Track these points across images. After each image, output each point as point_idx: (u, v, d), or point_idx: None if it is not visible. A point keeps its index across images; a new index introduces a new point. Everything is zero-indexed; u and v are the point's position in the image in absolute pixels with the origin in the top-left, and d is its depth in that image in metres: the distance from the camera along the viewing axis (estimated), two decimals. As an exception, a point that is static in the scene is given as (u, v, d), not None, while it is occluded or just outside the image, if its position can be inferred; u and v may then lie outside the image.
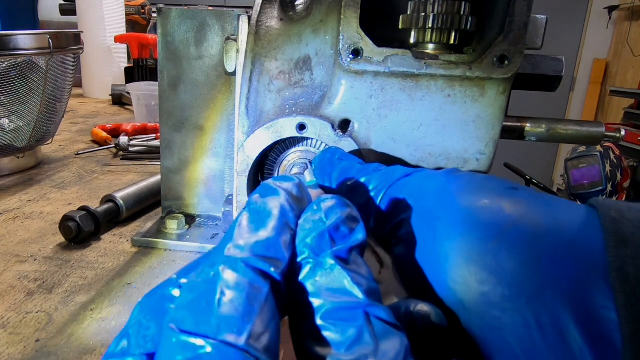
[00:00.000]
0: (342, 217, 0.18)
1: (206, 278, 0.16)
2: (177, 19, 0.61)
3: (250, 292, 0.15)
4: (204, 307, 0.15)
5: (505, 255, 0.18)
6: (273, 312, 0.16)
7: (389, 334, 0.16)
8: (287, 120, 0.35)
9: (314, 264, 0.17)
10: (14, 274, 0.52)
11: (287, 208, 0.19)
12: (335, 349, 0.15)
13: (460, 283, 0.19)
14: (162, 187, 0.66)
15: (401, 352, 0.15)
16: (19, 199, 0.73)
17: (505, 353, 0.18)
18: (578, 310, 0.16)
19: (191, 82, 0.62)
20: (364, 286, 0.17)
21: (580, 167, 2.70)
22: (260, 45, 0.36)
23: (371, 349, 0.15)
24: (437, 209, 0.22)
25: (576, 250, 0.18)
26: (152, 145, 0.98)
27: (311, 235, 0.18)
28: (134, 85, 1.24)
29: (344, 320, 0.16)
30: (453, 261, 0.20)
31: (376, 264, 0.23)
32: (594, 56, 3.71)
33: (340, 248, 0.17)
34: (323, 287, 0.17)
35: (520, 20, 0.32)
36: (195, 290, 0.15)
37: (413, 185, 0.24)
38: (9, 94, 0.77)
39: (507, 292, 0.18)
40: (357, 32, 0.33)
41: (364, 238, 0.18)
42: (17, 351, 0.40)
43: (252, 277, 0.16)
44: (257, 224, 0.18)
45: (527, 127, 0.39)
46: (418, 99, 0.34)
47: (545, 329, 0.17)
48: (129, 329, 0.16)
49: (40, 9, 1.97)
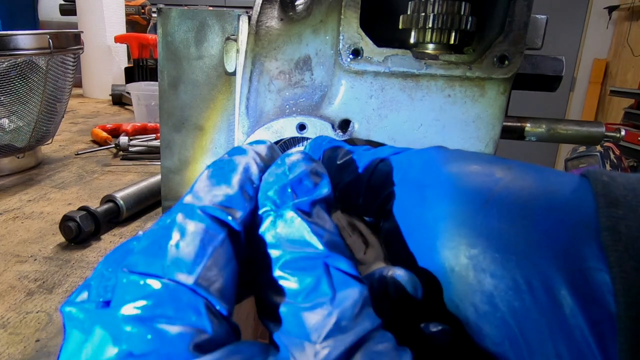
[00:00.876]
0: (306, 171, 0.18)
1: (162, 225, 0.16)
2: (177, 19, 0.61)
3: (204, 237, 0.15)
4: (156, 251, 0.15)
5: (495, 217, 0.18)
6: (228, 258, 0.16)
7: (348, 283, 0.16)
8: (287, 120, 0.35)
9: (274, 216, 0.17)
10: (14, 274, 0.52)
11: (251, 164, 0.18)
12: (292, 298, 0.15)
13: (450, 247, 0.19)
14: (162, 187, 0.66)
15: (358, 301, 0.15)
16: (19, 199, 0.73)
17: (494, 319, 0.18)
18: (569, 271, 0.16)
19: (191, 82, 0.62)
20: (325, 238, 0.16)
21: (580, 167, 2.69)
22: (260, 45, 0.36)
23: (328, 298, 0.15)
24: (425, 177, 0.21)
25: (567, 212, 0.17)
26: (152, 145, 0.98)
27: (273, 187, 0.18)
28: (134, 85, 1.24)
29: (303, 270, 0.16)
30: (442, 225, 0.19)
31: (362, 244, 0.23)
32: (594, 56, 3.71)
33: (302, 201, 0.17)
34: (283, 238, 0.16)
35: (520, 20, 0.32)
36: (151, 237, 0.16)
37: (401, 160, 0.24)
38: (9, 94, 0.77)
39: (497, 255, 0.18)
40: (357, 32, 0.33)
41: (328, 192, 0.18)
42: (17, 351, 0.40)
43: (208, 224, 0.16)
44: (219, 177, 0.18)
45: (527, 127, 0.39)
46: (418, 99, 0.34)
47: (536, 290, 0.17)
48: (91, 280, 0.16)
49: (40, 9, 1.97)
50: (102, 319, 0.14)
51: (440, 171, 0.21)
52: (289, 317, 0.15)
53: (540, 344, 0.16)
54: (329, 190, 0.18)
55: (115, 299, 0.14)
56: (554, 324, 0.16)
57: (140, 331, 0.13)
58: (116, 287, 0.15)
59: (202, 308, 0.14)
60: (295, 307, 0.15)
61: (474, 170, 0.20)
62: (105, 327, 0.14)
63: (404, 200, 0.22)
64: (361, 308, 0.15)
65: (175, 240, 0.15)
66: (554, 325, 0.16)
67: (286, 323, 0.15)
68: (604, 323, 0.16)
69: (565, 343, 0.16)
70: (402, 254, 0.22)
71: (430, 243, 0.20)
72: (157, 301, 0.14)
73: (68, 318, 0.15)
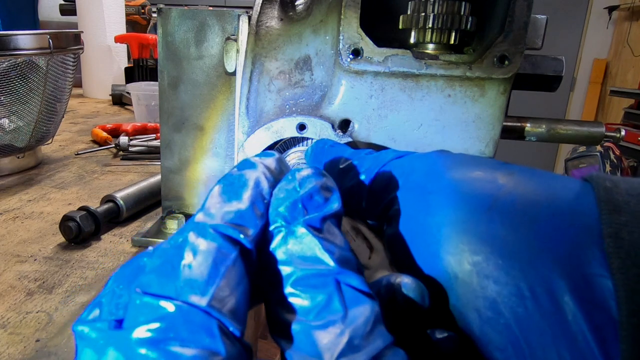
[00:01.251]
0: (317, 186, 0.18)
1: (174, 244, 0.16)
2: (177, 19, 0.61)
3: (217, 256, 0.15)
4: (169, 271, 0.15)
5: (498, 223, 0.18)
6: (240, 277, 0.16)
7: (359, 301, 0.16)
8: (287, 120, 0.35)
9: (285, 232, 0.17)
10: (14, 273, 0.52)
11: (262, 179, 0.18)
12: (304, 316, 0.15)
13: (453, 254, 0.19)
14: (162, 187, 0.66)
15: (370, 318, 0.15)
16: (19, 199, 0.73)
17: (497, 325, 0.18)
18: (572, 277, 0.16)
19: (191, 82, 0.62)
20: (336, 254, 0.16)
21: (581, 167, 2.70)
22: (261, 45, 0.36)
23: (340, 315, 0.15)
24: (429, 183, 0.21)
25: (571, 218, 0.17)
26: (152, 145, 0.98)
27: (284, 204, 0.17)
28: (134, 85, 1.24)
29: (314, 287, 0.16)
30: (445, 232, 0.19)
31: (366, 249, 0.23)
32: (594, 56, 3.71)
33: (313, 217, 0.17)
34: (294, 255, 0.16)
35: (520, 20, 0.32)
36: (163, 256, 0.16)
37: (403, 164, 0.24)
38: (9, 94, 0.77)
39: (501, 261, 0.18)
40: (357, 32, 0.33)
41: (339, 207, 0.18)
42: (17, 351, 0.40)
43: (221, 242, 0.16)
44: (230, 194, 0.18)
45: (527, 127, 0.39)
46: (418, 99, 0.34)
47: (539, 297, 0.17)
48: (102, 297, 0.16)
49: (40, 9, 1.97)
50: (115, 341, 0.14)
51: (443, 177, 0.21)
52: (301, 335, 0.15)
53: (543, 350, 0.16)
54: (340, 205, 0.18)
55: (129, 320, 0.14)
56: (557, 330, 0.16)
57: (153, 354, 0.13)
58: (129, 307, 0.15)
59: (215, 330, 0.14)
60: (307, 325, 0.15)
61: (477, 176, 0.20)
62: (119, 349, 0.14)
63: (406, 206, 0.22)
64: (373, 325, 0.15)
65: (188, 261, 0.15)
66: (557, 331, 0.16)
67: (298, 341, 0.15)
68: (607, 329, 0.16)
69: (569, 348, 0.16)
70: (406, 260, 0.22)
71: (433, 249, 0.20)
72: (171, 324, 0.14)
73: (80, 337, 0.15)
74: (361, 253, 0.23)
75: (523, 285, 0.17)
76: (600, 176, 0.19)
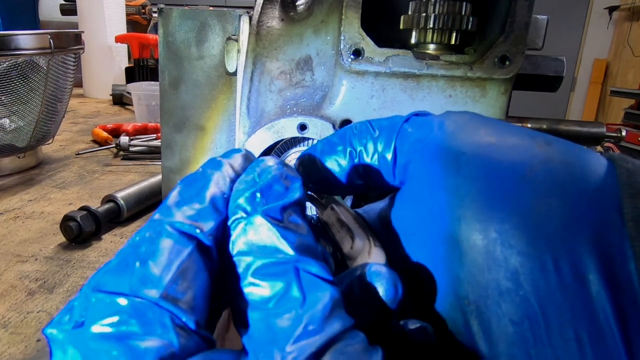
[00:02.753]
0: (276, 176, 0.18)
1: (131, 243, 0.16)
2: (178, 19, 0.61)
3: (172, 252, 0.16)
4: (124, 268, 0.15)
5: (530, 194, 0.18)
6: (197, 271, 0.16)
7: (318, 287, 0.16)
8: (288, 121, 0.35)
9: (245, 223, 0.17)
10: (15, 273, 0.52)
11: (224, 175, 0.18)
12: (264, 304, 0.15)
13: (481, 220, 0.18)
14: (162, 187, 0.66)
15: (328, 303, 0.15)
16: (19, 198, 0.73)
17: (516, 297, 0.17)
18: (600, 256, 0.16)
19: (192, 82, 0.62)
20: (296, 242, 0.16)
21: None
22: (261, 46, 0.36)
23: (298, 302, 0.15)
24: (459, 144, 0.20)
25: (600, 197, 0.17)
26: (153, 145, 0.98)
27: (243, 195, 0.17)
28: (134, 85, 1.24)
29: (273, 276, 0.16)
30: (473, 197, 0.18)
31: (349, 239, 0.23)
32: (594, 56, 3.71)
33: (272, 206, 0.17)
34: (253, 245, 0.16)
35: (521, 21, 0.32)
36: (120, 255, 0.16)
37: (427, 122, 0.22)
38: (9, 93, 0.77)
39: (527, 233, 0.17)
40: (358, 33, 0.33)
41: (300, 196, 0.18)
42: (18, 351, 0.40)
43: (176, 238, 0.16)
44: (190, 192, 0.18)
45: (527, 127, 0.39)
46: (419, 99, 0.34)
47: (564, 272, 0.16)
48: (75, 301, 0.16)
49: (41, 9, 1.97)
50: (74, 339, 0.15)
51: (475, 140, 0.20)
52: (259, 323, 0.15)
53: (560, 326, 0.16)
54: (301, 194, 0.18)
55: (87, 318, 0.15)
56: (578, 307, 0.16)
57: (107, 348, 0.14)
58: (87, 307, 0.15)
59: (167, 322, 0.14)
60: (266, 312, 0.15)
61: (513, 142, 0.20)
62: (76, 346, 0.14)
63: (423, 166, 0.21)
64: (332, 310, 0.15)
65: (142, 257, 0.15)
66: (577, 309, 0.16)
67: (256, 329, 0.15)
68: (630, 312, 0.15)
69: (587, 328, 0.16)
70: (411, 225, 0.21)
71: (453, 213, 0.19)
72: (124, 318, 0.14)
73: (51, 339, 0.15)
74: (345, 243, 0.23)
75: (548, 259, 0.17)
76: (621, 157, 0.18)
